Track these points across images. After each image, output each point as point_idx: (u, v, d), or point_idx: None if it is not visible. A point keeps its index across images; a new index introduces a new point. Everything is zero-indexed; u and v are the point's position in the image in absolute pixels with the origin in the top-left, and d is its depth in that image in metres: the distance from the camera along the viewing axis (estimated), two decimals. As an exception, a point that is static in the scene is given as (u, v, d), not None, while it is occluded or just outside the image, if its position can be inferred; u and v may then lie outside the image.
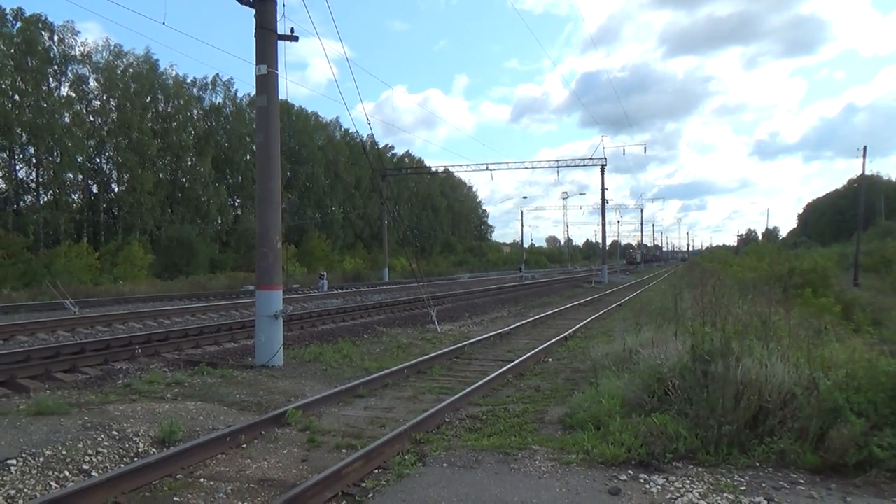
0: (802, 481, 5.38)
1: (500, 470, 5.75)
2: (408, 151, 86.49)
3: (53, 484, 5.39)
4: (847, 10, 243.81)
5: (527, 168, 71.56)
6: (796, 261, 29.34)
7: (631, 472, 5.61)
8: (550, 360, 12.70)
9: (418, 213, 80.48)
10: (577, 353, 13.17)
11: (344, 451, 6.44)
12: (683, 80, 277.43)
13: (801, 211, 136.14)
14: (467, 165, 61.96)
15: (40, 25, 39.45)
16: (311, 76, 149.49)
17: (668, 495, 5.11)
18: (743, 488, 5.22)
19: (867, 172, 45.87)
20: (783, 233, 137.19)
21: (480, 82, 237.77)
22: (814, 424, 5.69)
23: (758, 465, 5.69)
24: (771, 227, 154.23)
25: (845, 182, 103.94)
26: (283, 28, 11.53)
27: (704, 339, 6.72)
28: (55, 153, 40.03)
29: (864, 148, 42.22)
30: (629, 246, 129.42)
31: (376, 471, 5.82)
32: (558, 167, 52.84)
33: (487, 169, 51.18)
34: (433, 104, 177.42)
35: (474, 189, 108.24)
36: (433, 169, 76.27)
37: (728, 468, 5.65)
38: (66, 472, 5.63)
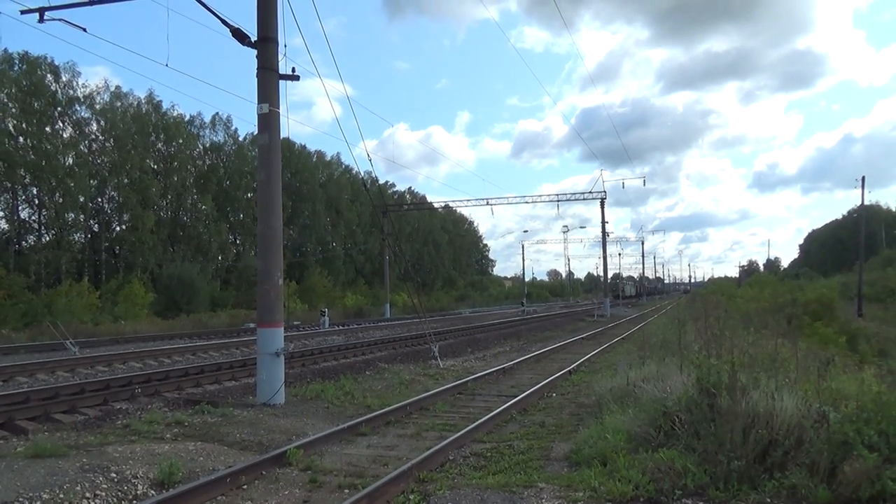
0: (815, 517, 5.26)
1: (506, 509, 5.63)
2: (410, 188, 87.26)
3: (50, 529, 5.28)
4: (842, 46, 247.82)
5: (527, 202, 71.58)
6: (800, 292, 29.26)
7: (640, 509, 5.50)
8: (554, 395, 12.57)
9: (420, 248, 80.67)
10: (582, 387, 13.04)
11: (346, 491, 6.33)
12: (682, 114, 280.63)
13: (801, 241, 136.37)
14: (468, 200, 61.95)
15: (45, 67, 40.05)
16: (316, 115, 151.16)
17: (678, 533, 4.99)
18: (755, 525, 5.10)
19: (867, 202, 46.04)
20: (784, 263, 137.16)
21: (482, 119, 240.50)
22: (824, 458, 5.59)
23: (769, 500, 5.57)
24: (772, 257, 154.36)
25: (845, 213, 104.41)
26: (284, 68, 11.68)
27: (711, 371, 6.64)
28: (57, 194, 40.31)
29: (863, 178, 42.43)
30: (627, 277, 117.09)
31: (379, 511, 5.70)
32: (558, 201, 53.15)
33: (488, 204, 51.41)
34: (435, 141, 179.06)
35: (475, 224, 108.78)
36: (434, 204, 76.74)
37: (738, 504, 5.53)
38: (63, 517, 5.52)
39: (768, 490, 5.65)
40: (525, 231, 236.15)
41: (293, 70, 11.82)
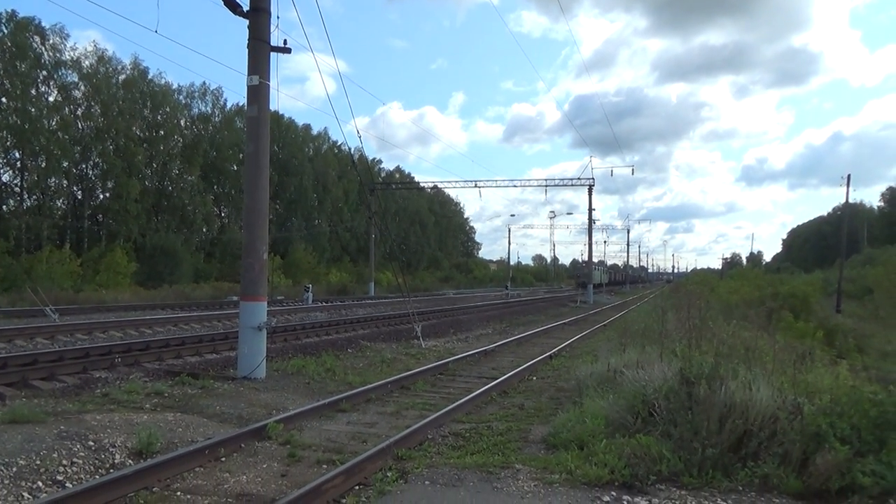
0: (785, 506, 5.37)
1: (483, 489, 5.69)
2: (398, 167, 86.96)
3: (26, 494, 5.27)
4: (837, 44, 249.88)
5: (516, 186, 70.20)
6: (780, 285, 29.55)
7: (614, 493, 5.57)
8: (535, 378, 12.66)
9: (406, 228, 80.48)
10: (562, 371, 13.14)
11: (325, 466, 6.36)
12: (675, 105, 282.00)
13: (785, 236, 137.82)
14: (456, 182, 62.25)
15: (32, 29, 39.23)
16: (310, 90, 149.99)
17: (651, 518, 5.07)
18: (726, 512, 5.19)
19: (851, 201, 46.52)
20: (767, 257, 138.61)
21: (476, 101, 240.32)
22: (797, 449, 5.69)
23: (741, 488, 5.67)
24: (755, 251, 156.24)
25: (829, 210, 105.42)
26: (276, 40, 11.53)
27: (694, 363, 6.72)
28: (40, 158, 39.68)
29: (849, 176, 42.79)
30: (601, 263, 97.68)
31: (357, 487, 5.74)
32: (546, 186, 53.12)
33: (476, 186, 51.35)
34: (428, 121, 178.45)
35: (462, 206, 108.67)
36: (422, 185, 76.56)
37: (711, 491, 5.62)
38: (40, 483, 5.51)
39: (741, 478, 5.75)
40: (512, 215, 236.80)
41: (285, 42, 11.67)
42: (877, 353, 16.58)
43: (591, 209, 54.65)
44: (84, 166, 44.19)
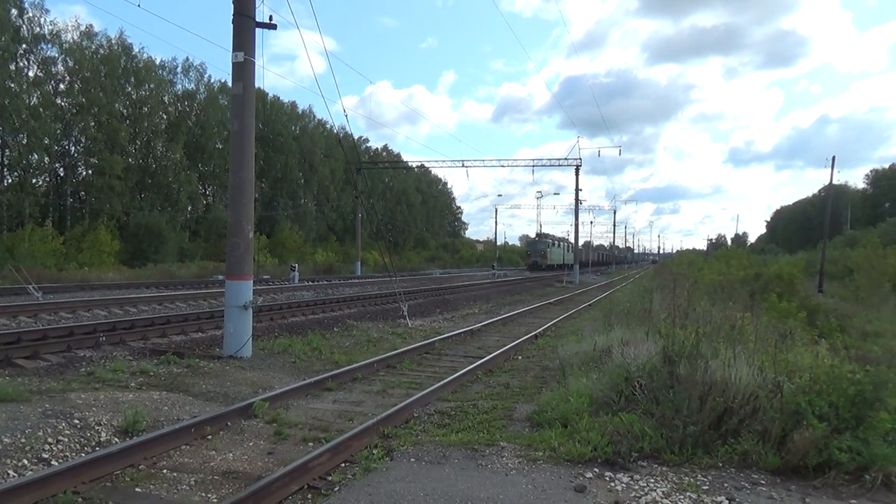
0: (763, 482, 5.47)
1: (468, 465, 5.75)
2: (385, 146, 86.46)
3: (11, 472, 5.27)
4: (827, 27, 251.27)
5: (503, 166, 69.51)
6: (763, 266, 29.83)
7: (597, 470, 5.65)
8: (520, 357, 12.75)
9: (393, 207, 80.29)
10: (547, 351, 13.24)
11: (311, 444, 6.40)
12: (665, 87, 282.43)
13: (769, 218, 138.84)
14: (444, 162, 62.29)
15: (10, 1, 38.40)
16: (299, 68, 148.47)
17: (632, 493, 5.15)
18: (705, 488, 5.29)
19: (836, 182, 46.82)
20: (752, 238, 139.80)
21: (466, 81, 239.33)
22: (776, 427, 5.79)
23: (721, 465, 5.77)
24: (740, 232, 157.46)
25: (814, 191, 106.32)
26: (262, 16, 11.38)
27: (675, 340, 6.80)
28: (21, 135, 39.06)
29: (833, 158, 42.98)
30: (559, 238, 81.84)
31: (343, 464, 5.79)
32: (533, 166, 53.09)
33: (463, 166, 51.33)
34: (417, 101, 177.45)
35: (450, 186, 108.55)
36: (409, 164, 76.35)
37: (692, 468, 5.72)
38: (25, 461, 5.50)
39: (721, 455, 5.85)
40: (500, 195, 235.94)
41: (271, 18, 11.52)
42: (857, 332, 16.82)
43: (577, 190, 54.76)
44: (66, 142, 43.56)
